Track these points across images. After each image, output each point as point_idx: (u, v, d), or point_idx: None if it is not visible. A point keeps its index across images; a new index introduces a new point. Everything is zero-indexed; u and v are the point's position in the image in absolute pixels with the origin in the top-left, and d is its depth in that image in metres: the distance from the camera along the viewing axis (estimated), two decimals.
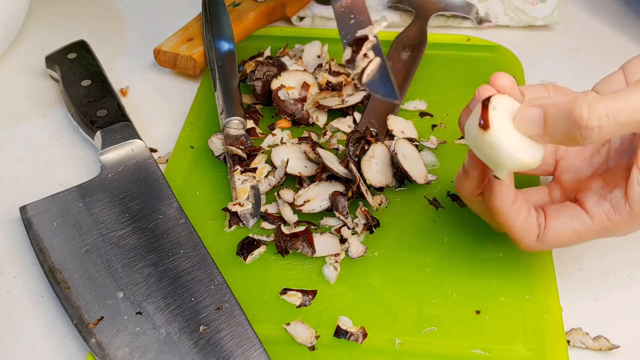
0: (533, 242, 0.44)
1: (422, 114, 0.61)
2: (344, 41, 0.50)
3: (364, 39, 0.48)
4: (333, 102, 0.60)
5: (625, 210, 0.41)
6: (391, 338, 0.45)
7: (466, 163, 0.45)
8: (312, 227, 0.51)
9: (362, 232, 0.51)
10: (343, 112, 0.61)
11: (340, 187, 0.53)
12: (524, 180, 0.52)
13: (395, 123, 0.59)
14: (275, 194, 0.54)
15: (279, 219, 0.52)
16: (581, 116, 0.37)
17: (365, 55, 0.48)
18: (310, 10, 0.73)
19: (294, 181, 0.55)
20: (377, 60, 0.47)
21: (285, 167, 0.54)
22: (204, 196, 0.55)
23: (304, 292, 0.48)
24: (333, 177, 0.53)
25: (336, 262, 0.49)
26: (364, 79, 0.47)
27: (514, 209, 0.43)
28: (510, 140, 0.39)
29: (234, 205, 0.52)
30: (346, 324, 0.46)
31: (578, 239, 0.43)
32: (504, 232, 0.45)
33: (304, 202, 0.52)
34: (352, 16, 0.51)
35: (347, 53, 0.48)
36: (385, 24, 0.49)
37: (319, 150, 0.54)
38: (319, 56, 0.65)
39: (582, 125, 0.37)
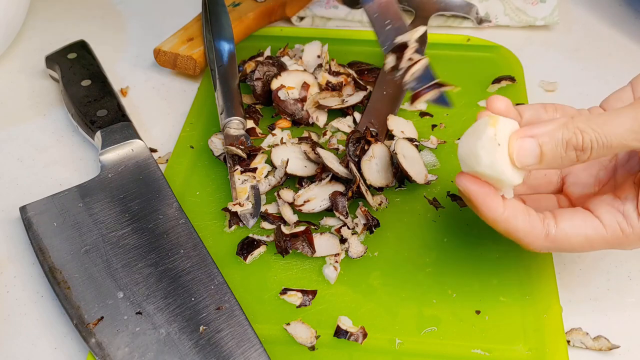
0: (542, 243, 0.42)
1: (422, 114, 0.61)
2: (384, 48, 0.50)
3: (404, 46, 0.49)
4: (333, 102, 0.60)
5: (638, 224, 0.41)
6: (391, 338, 0.45)
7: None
8: (312, 227, 0.51)
9: (362, 232, 0.51)
10: (343, 112, 0.61)
11: (340, 187, 0.53)
12: None
13: (395, 123, 0.59)
14: (275, 194, 0.54)
15: (279, 219, 0.52)
16: (577, 143, 0.39)
17: (410, 59, 0.48)
18: (310, 10, 0.73)
19: (294, 181, 0.55)
20: (424, 61, 0.48)
21: (285, 167, 0.54)
22: (204, 196, 0.55)
23: (304, 292, 0.48)
24: (333, 177, 0.53)
25: (336, 262, 0.49)
26: (407, 78, 0.47)
27: (508, 214, 0.42)
28: (505, 162, 0.40)
29: (234, 205, 0.52)
30: (346, 324, 0.46)
31: (589, 245, 0.42)
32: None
33: (304, 202, 0.52)
34: (387, 22, 0.51)
35: (391, 60, 0.49)
36: (425, 29, 0.50)
37: (319, 150, 0.54)
38: (319, 56, 0.65)
39: (578, 148, 0.39)
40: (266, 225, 0.52)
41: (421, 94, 0.48)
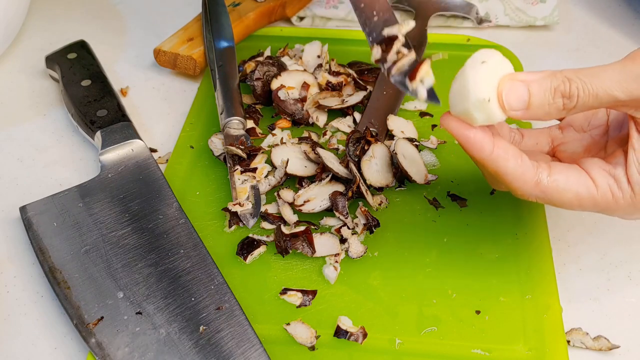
0: (532, 189, 0.42)
1: (422, 114, 0.61)
2: (370, 39, 0.49)
3: (393, 38, 0.47)
4: (333, 102, 0.60)
5: (627, 189, 0.42)
6: (391, 338, 0.45)
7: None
8: (312, 227, 0.51)
9: (362, 232, 0.51)
10: (343, 112, 0.61)
11: (340, 187, 0.53)
12: None
13: (395, 123, 0.59)
14: (275, 194, 0.54)
15: (279, 219, 0.52)
16: (565, 89, 0.40)
17: (397, 52, 0.47)
18: (310, 10, 0.73)
19: (294, 181, 0.55)
20: (412, 55, 0.46)
21: (285, 167, 0.54)
22: (204, 196, 0.55)
23: (304, 292, 0.48)
24: (333, 177, 0.53)
25: (336, 262, 0.49)
26: (394, 72, 0.46)
27: (496, 154, 0.42)
28: (492, 97, 0.41)
29: (234, 205, 0.52)
30: (346, 324, 0.46)
31: (577, 203, 0.42)
32: (505, 188, 0.44)
33: (304, 202, 0.52)
34: (374, 13, 0.50)
35: (377, 52, 0.47)
36: (413, 24, 0.49)
37: (319, 150, 0.54)
38: (319, 56, 0.65)
39: (565, 95, 0.40)
40: (266, 225, 0.52)
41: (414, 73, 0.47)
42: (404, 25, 0.48)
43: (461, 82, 0.41)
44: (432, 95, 0.44)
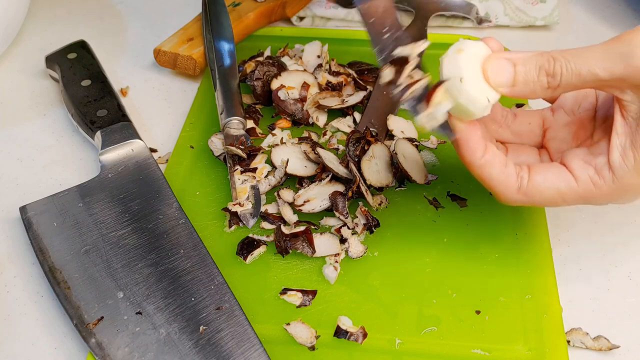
0: (513, 194, 0.44)
1: None
2: (381, 58, 0.47)
3: (405, 60, 0.45)
4: (333, 102, 0.60)
5: (609, 176, 0.42)
6: (391, 338, 0.45)
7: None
8: (312, 227, 0.51)
9: (362, 232, 0.51)
10: (343, 112, 0.61)
11: (340, 187, 0.53)
12: None
13: (395, 123, 0.59)
14: (275, 194, 0.54)
15: (279, 219, 0.52)
16: (549, 67, 0.41)
17: (409, 76, 0.45)
18: (310, 10, 0.73)
19: (294, 181, 0.55)
20: (426, 79, 0.44)
21: (285, 167, 0.54)
22: (204, 196, 0.55)
23: (304, 292, 0.48)
24: (333, 177, 0.53)
25: (336, 262, 0.49)
26: (406, 97, 0.44)
27: (485, 160, 0.43)
28: (476, 87, 0.41)
29: (234, 205, 0.52)
30: (346, 324, 0.46)
31: (561, 198, 0.43)
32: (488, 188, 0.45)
33: (304, 202, 0.52)
34: (385, 30, 0.48)
35: (388, 73, 0.45)
36: (428, 44, 0.47)
37: (319, 150, 0.54)
38: (319, 56, 0.65)
39: (549, 73, 0.41)
40: (266, 225, 0.52)
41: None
42: (417, 47, 0.46)
43: (441, 71, 0.42)
44: (446, 125, 0.43)
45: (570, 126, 0.47)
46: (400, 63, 0.45)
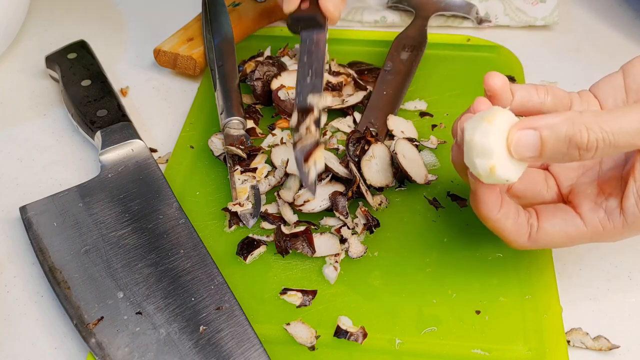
0: (525, 242, 0.44)
1: (422, 114, 0.61)
2: (295, 101, 0.51)
3: (311, 109, 0.50)
4: (333, 102, 0.60)
5: (619, 220, 0.42)
6: (391, 338, 0.45)
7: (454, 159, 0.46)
8: (312, 227, 0.51)
9: (362, 232, 0.51)
10: (343, 112, 0.61)
11: (340, 187, 0.53)
12: None
13: (395, 123, 0.59)
14: (275, 194, 0.54)
15: (279, 219, 0.52)
16: (582, 141, 0.37)
17: (307, 128, 0.50)
18: None
19: (294, 181, 0.55)
20: (316, 136, 0.49)
21: (285, 167, 0.54)
22: (204, 196, 0.55)
23: (304, 292, 0.48)
24: (333, 177, 0.53)
25: (336, 262, 0.49)
26: (297, 147, 0.49)
27: (502, 214, 0.43)
28: (504, 167, 0.39)
29: (234, 205, 0.52)
30: (346, 324, 0.46)
31: (570, 241, 0.44)
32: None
33: (304, 202, 0.52)
34: (309, 72, 0.52)
35: (294, 119, 0.50)
36: (330, 101, 0.52)
37: None
38: None
39: (582, 147, 0.38)
40: (266, 225, 0.52)
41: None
42: (322, 100, 0.50)
43: (467, 147, 0.40)
44: (314, 186, 0.48)
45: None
46: (306, 112, 0.51)
